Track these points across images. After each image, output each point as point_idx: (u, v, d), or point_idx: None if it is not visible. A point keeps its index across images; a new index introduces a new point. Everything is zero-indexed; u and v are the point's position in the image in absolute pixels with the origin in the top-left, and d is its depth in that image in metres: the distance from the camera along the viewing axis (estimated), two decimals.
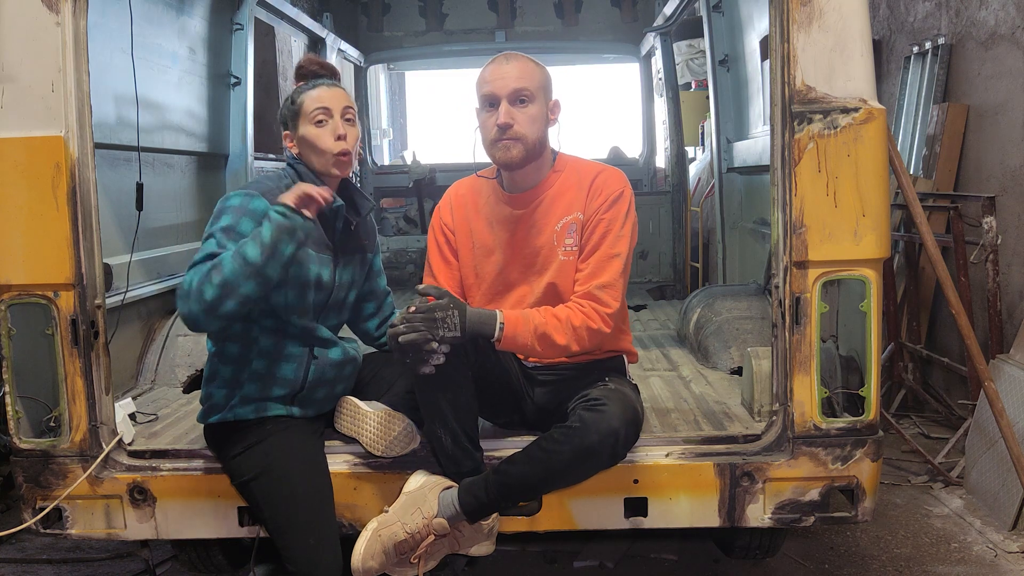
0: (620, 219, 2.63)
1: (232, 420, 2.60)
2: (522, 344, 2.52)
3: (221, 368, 2.63)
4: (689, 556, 3.63)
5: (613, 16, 6.86)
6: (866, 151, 2.53)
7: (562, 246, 2.67)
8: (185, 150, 4.27)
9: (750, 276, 4.68)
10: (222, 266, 2.36)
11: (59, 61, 2.55)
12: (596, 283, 2.59)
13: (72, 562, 3.67)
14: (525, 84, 2.58)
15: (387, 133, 12.76)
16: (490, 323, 2.46)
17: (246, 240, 2.40)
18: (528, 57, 2.66)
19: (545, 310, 2.57)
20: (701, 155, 8.90)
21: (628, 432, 2.47)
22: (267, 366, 2.60)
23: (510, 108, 2.57)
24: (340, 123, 2.61)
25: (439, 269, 2.81)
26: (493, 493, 2.48)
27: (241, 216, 2.49)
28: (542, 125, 2.63)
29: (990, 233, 4.55)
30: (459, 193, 2.84)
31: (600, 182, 2.67)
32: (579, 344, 2.56)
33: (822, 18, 2.52)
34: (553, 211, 2.68)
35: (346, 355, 2.73)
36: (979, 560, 3.55)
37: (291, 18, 5.45)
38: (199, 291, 2.35)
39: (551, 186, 2.70)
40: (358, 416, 2.65)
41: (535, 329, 2.51)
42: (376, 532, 2.48)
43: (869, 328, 2.61)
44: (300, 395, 2.64)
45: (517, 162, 2.62)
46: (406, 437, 2.62)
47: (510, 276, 2.73)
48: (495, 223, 2.75)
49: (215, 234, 2.47)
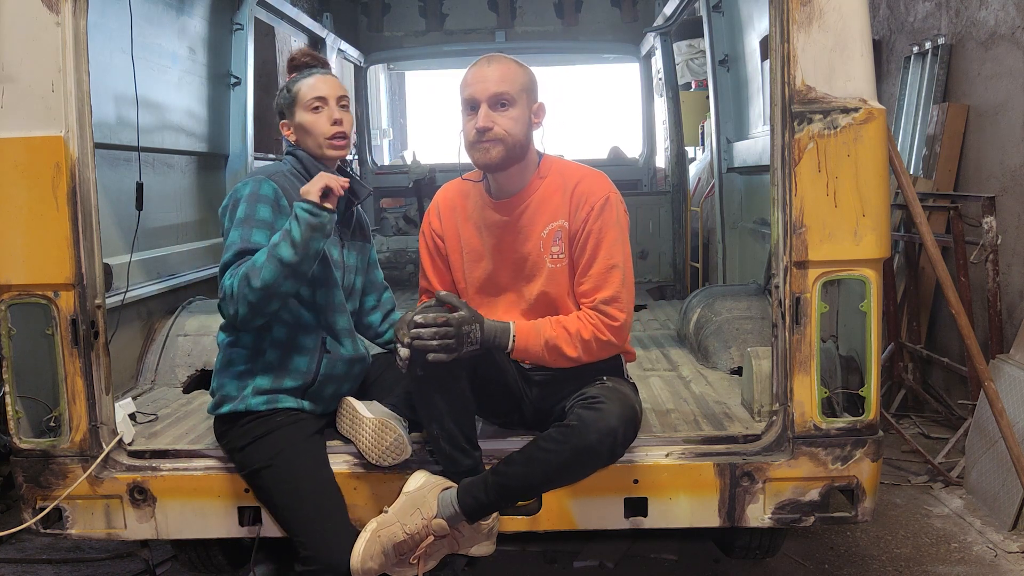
0: (610, 227, 2.61)
1: (243, 411, 2.61)
2: (533, 356, 2.56)
3: (234, 358, 2.67)
4: (689, 556, 3.63)
5: (613, 16, 6.85)
6: (866, 151, 2.53)
7: (549, 253, 2.66)
8: (185, 150, 4.27)
9: (750, 276, 4.68)
10: (260, 270, 2.45)
11: (59, 61, 2.55)
12: (600, 298, 2.59)
13: (72, 562, 3.67)
14: (505, 88, 2.56)
15: (387, 133, 12.77)
16: (504, 337, 2.52)
17: (279, 242, 2.47)
18: (511, 59, 2.63)
19: (556, 322, 2.57)
20: (701, 155, 8.91)
21: (627, 430, 2.47)
22: (280, 357, 2.63)
23: (489, 112, 2.56)
24: (336, 109, 2.71)
25: (432, 273, 2.83)
26: (492, 493, 2.48)
27: (255, 203, 2.57)
28: (524, 128, 2.60)
29: (990, 233, 4.55)
30: (447, 197, 2.84)
31: (583, 190, 2.63)
32: (589, 356, 2.58)
33: (822, 18, 2.52)
34: (539, 217, 2.67)
35: (357, 352, 2.77)
36: (979, 560, 3.55)
37: (291, 18, 5.45)
38: (242, 295, 2.46)
39: (536, 191, 2.69)
40: (356, 420, 2.65)
41: (546, 342, 2.54)
42: (375, 533, 2.48)
43: (869, 328, 2.61)
44: (311, 389, 2.67)
45: (496, 163, 2.59)
46: (397, 448, 2.61)
47: (499, 281, 2.73)
48: (483, 228, 2.74)
49: (237, 228, 2.56)
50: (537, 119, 2.66)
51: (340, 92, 2.73)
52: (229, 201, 2.63)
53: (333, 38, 6.30)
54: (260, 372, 2.63)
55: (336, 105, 2.71)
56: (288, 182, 2.65)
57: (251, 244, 2.53)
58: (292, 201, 2.57)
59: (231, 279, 2.49)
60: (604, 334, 2.57)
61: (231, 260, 2.52)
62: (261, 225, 2.55)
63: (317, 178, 2.53)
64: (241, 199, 2.59)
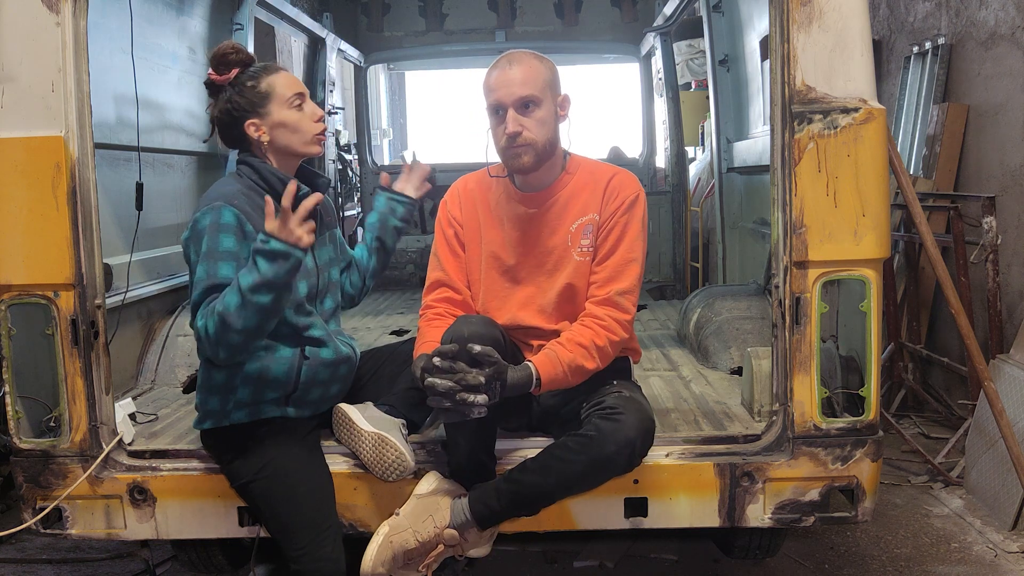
0: (636, 223, 2.63)
1: (227, 425, 2.59)
2: (559, 384, 2.53)
3: (214, 374, 2.60)
4: (689, 556, 3.63)
5: (613, 16, 6.85)
6: (866, 151, 2.53)
7: (577, 247, 2.65)
8: (185, 150, 4.27)
9: (750, 276, 4.68)
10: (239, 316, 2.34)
11: (59, 61, 2.55)
12: (616, 289, 2.59)
13: (72, 562, 3.67)
14: (530, 91, 2.54)
15: (387, 133, 12.77)
16: (528, 382, 2.45)
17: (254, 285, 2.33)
18: (532, 55, 2.62)
19: (568, 341, 2.53)
20: (701, 155, 8.90)
21: (644, 441, 2.46)
22: (259, 369, 2.57)
23: (517, 116, 2.54)
24: (314, 105, 2.66)
25: (447, 262, 2.78)
26: (505, 501, 2.48)
27: (217, 234, 2.45)
28: (552, 126, 2.61)
29: (990, 233, 4.55)
30: (467, 188, 2.82)
31: (616, 184, 2.65)
32: (606, 361, 2.58)
33: (822, 18, 2.52)
34: (568, 212, 2.67)
35: (338, 354, 2.69)
36: (979, 560, 3.55)
37: (291, 18, 5.45)
38: (222, 339, 2.37)
39: (565, 186, 2.69)
40: (354, 432, 2.62)
41: (568, 367, 2.50)
42: (388, 538, 2.47)
43: (869, 328, 2.60)
44: (294, 396, 2.62)
45: (530, 167, 2.61)
46: (399, 465, 2.57)
47: (518, 275, 2.72)
48: (506, 221, 2.73)
49: (202, 262, 2.44)
50: (563, 111, 2.65)
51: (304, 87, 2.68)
52: (191, 232, 2.49)
53: (333, 38, 6.30)
54: (241, 385, 2.57)
55: (311, 101, 2.67)
56: (250, 202, 2.52)
57: (218, 279, 2.41)
58: (256, 225, 2.45)
59: (203, 320, 2.38)
60: (615, 333, 2.56)
61: (200, 299, 2.41)
62: (226, 257, 2.43)
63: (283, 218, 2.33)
64: (201, 232, 2.46)
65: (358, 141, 7.45)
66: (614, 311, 2.58)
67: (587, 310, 2.62)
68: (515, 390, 2.43)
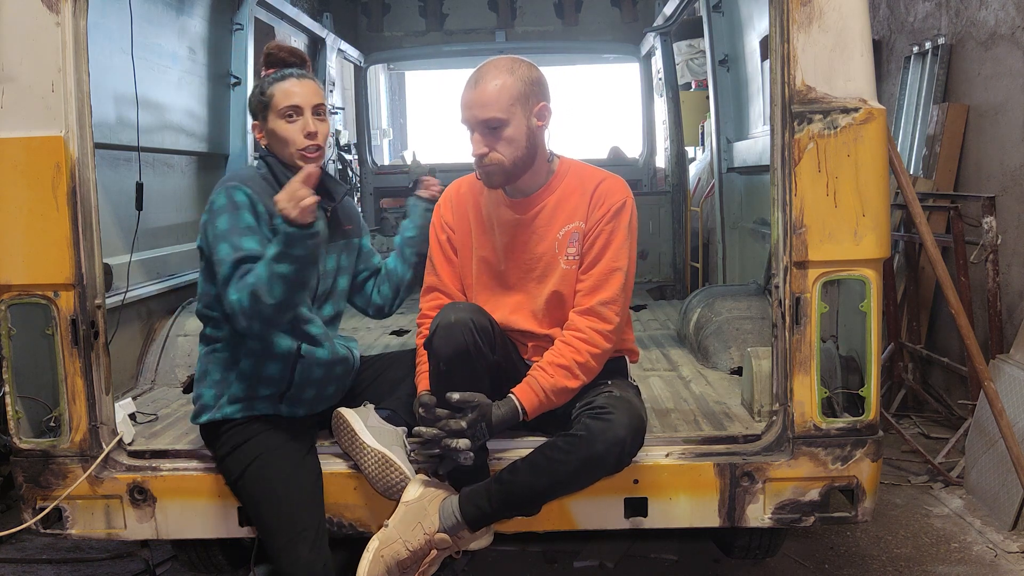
0: (621, 230, 2.61)
1: (220, 419, 2.60)
2: (547, 408, 2.56)
3: (211, 368, 2.64)
4: (689, 556, 3.63)
5: (613, 16, 6.85)
6: (866, 151, 2.53)
7: (564, 255, 2.64)
8: (185, 150, 4.27)
9: (750, 276, 4.68)
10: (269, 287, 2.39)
11: (59, 61, 2.55)
12: (598, 299, 2.58)
13: (72, 562, 3.67)
14: (492, 113, 2.50)
15: (387, 133, 12.75)
16: (513, 416, 2.52)
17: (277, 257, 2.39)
18: (505, 67, 2.53)
19: (548, 365, 2.55)
20: (701, 155, 8.90)
21: (634, 441, 2.46)
22: (253, 365, 2.59)
23: (481, 138, 2.53)
24: (311, 120, 2.60)
25: (441, 266, 2.78)
26: (496, 502, 2.47)
27: (235, 211, 2.51)
28: (522, 143, 2.55)
29: (990, 233, 4.55)
30: (459, 192, 2.81)
31: (603, 191, 2.63)
32: (591, 375, 2.59)
33: (822, 18, 2.52)
34: (556, 218, 2.65)
35: (335, 355, 2.68)
36: (979, 560, 3.55)
37: (291, 18, 5.45)
38: (256, 311, 2.41)
39: (553, 191, 2.67)
40: (356, 444, 2.59)
41: (550, 392, 2.54)
42: (378, 552, 2.47)
43: (869, 328, 2.60)
44: (288, 394, 2.62)
45: (500, 184, 2.62)
46: (402, 487, 2.56)
47: (509, 280, 2.72)
48: (496, 225, 2.72)
49: (223, 240, 2.48)
50: (541, 121, 2.59)
51: (316, 100, 2.60)
52: (207, 216, 2.54)
53: (333, 38, 6.30)
54: (235, 381, 2.59)
55: (311, 115, 2.59)
56: (261, 188, 2.57)
57: (245, 252, 2.46)
58: (267, 208, 2.51)
59: (237, 294, 2.42)
60: (597, 346, 2.57)
61: (230, 273, 2.44)
62: (248, 232, 2.48)
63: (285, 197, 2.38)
64: (218, 212, 2.51)
65: (358, 141, 7.45)
66: (596, 322, 2.57)
67: (570, 320, 2.61)
68: (502, 426, 2.51)
